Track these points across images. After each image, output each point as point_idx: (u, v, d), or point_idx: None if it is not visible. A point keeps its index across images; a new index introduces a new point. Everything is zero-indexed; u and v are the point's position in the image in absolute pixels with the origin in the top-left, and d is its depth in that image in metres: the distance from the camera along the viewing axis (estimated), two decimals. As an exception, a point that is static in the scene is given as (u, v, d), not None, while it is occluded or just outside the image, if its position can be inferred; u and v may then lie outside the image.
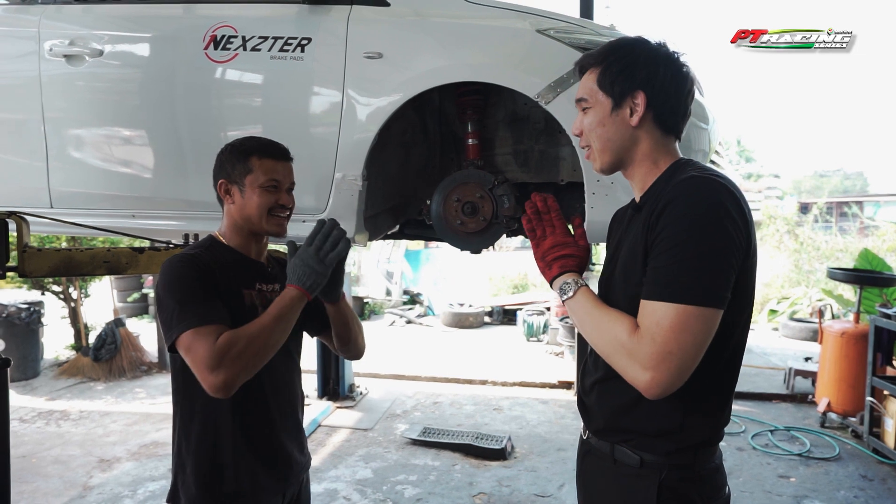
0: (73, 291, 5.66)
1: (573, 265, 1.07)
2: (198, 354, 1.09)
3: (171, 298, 1.14)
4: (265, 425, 1.26)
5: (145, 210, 2.06)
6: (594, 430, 1.10)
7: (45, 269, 1.66)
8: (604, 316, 0.97)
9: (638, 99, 0.99)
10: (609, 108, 1.02)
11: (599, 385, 1.08)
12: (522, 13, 1.79)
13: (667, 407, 0.97)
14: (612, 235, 1.18)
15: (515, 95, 1.92)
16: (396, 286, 8.98)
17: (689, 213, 0.89)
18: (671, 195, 0.92)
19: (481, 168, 1.94)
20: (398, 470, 3.41)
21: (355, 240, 1.87)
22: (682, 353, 0.87)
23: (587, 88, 1.05)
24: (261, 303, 1.27)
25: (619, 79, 1.00)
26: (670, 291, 0.88)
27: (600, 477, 1.09)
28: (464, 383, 5.27)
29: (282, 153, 1.31)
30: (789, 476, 3.31)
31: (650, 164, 1.03)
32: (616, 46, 1.04)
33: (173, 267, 1.18)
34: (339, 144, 1.83)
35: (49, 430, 4.05)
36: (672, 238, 0.89)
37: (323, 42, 1.82)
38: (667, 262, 0.89)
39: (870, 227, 11.11)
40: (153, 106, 1.98)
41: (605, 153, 1.04)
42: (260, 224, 1.27)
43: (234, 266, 1.27)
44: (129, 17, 2.03)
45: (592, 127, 1.04)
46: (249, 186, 1.26)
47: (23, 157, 2.12)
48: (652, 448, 1.00)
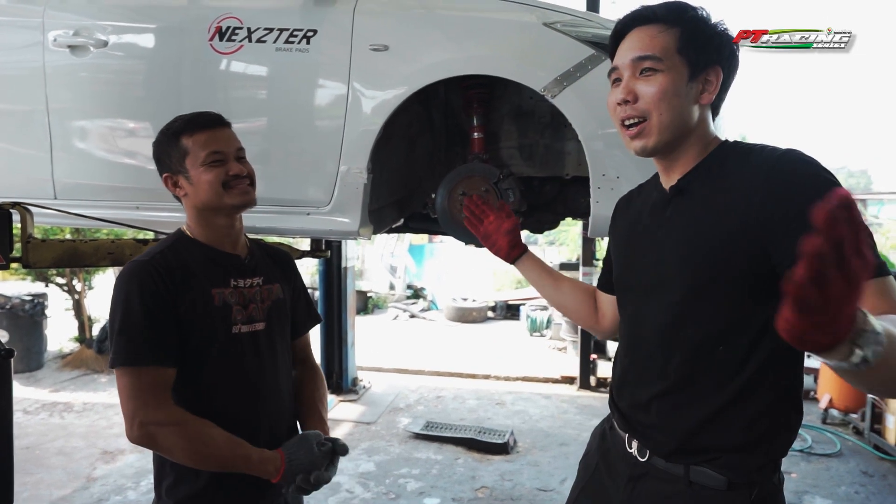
0: (77, 283, 5.68)
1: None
2: (122, 396, 1.03)
3: (112, 321, 1.06)
4: (248, 435, 1.12)
5: (150, 202, 2.05)
6: (663, 452, 0.93)
7: (49, 259, 1.65)
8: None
9: (713, 75, 0.89)
10: (687, 78, 0.87)
11: (664, 399, 0.92)
12: (529, 6, 1.77)
13: (755, 415, 0.85)
14: (618, 225, 1.10)
15: (521, 89, 1.91)
16: (400, 280, 8.99)
17: (830, 181, 0.77)
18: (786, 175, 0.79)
19: (486, 162, 1.93)
20: (401, 463, 3.42)
21: (360, 233, 1.86)
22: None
23: (660, 47, 0.87)
24: (237, 301, 1.16)
25: (706, 48, 0.88)
26: (881, 268, 0.74)
27: (668, 503, 0.92)
28: (467, 378, 5.28)
29: (213, 121, 1.18)
30: (790, 472, 3.31)
31: (701, 148, 0.91)
32: (688, 8, 0.89)
33: (123, 281, 1.08)
34: (345, 137, 1.82)
35: (53, 422, 4.07)
36: None
37: (328, 34, 1.81)
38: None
39: (874, 224, 11.07)
40: (158, 97, 1.97)
41: (669, 130, 0.89)
42: (221, 202, 1.14)
43: (204, 263, 1.15)
44: (134, 8, 2.02)
45: (664, 95, 0.87)
46: (192, 169, 1.14)
47: (27, 148, 2.12)
48: (741, 465, 0.86)
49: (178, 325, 1.09)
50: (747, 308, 0.83)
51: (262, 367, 1.18)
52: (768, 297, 0.77)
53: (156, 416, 1.03)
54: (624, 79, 0.91)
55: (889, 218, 11.23)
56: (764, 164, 0.82)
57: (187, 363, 1.10)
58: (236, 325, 1.15)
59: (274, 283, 1.26)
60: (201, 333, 1.11)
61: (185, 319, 1.09)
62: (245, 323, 1.17)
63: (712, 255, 0.84)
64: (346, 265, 4.74)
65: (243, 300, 1.17)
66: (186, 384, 1.11)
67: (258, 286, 1.21)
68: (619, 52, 0.93)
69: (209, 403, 1.11)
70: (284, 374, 1.25)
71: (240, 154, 1.20)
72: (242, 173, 1.17)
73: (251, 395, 1.16)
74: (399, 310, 8.34)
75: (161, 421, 1.03)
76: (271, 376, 1.20)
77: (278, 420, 1.22)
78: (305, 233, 2.02)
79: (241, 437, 1.10)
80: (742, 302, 0.83)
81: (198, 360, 1.11)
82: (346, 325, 4.73)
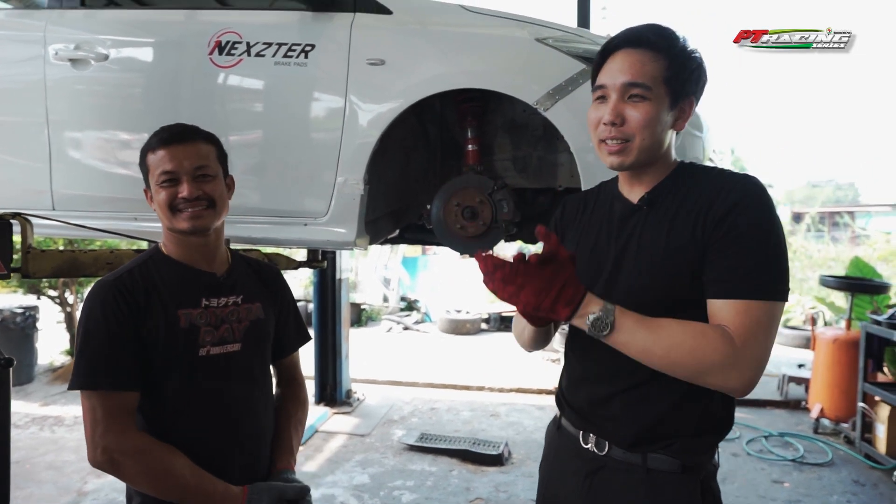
0: (70, 296, 5.64)
1: (578, 292, 0.87)
2: (85, 419, 1.01)
3: (77, 341, 1.05)
4: (220, 460, 1.09)
5: (148, 212, 2.07)
6: (624, 444, 0.98)
7: (49, 270, 1.67)
8: (676, 334, 0.86)
9: (687, 105, 0.96)
10: (668, 106, 0.94)
11: (626, 395, 0.98)
12: (521, 22, 1.82)
13: (703, 403, 0.95)
14: (573, 230, 1.10)
15: (515, 102, 1.95)
16: (393, 292, 8.99)
17: (765, 212, 0.89)
18: (739, 194, 0.89)
19: (481, 173, 1.97)
20: (395, 475, 3.41)
21: (356, 243, 1.89)
22: (769, 348, 0.87)
23: (650, 76, 0.92)
24: (207, 321, 1.11)
25: (687, 81, 0.94)
26: (764, 289, 0.86)
27: (627, 492, 0.98)
28: (461, 389, 5.28)
29: (175, 136, 1.10)
30: (783, 481, 3.33)
31: (664, 165, 0.99)
32: (677, 39, 0.94)
33: (88, 301, 1.06)
34: (342, 149, 1.85)
35: (43, 436, 4.03)
36: (754, 237, 0.87)
37: (326, 48, 1.85)
38: (755, 260, 0.86)
39: (861, 236, 11.22)
40: (157, 110, 2.00)
41: (646, 152, 0.95)
42: (172, 224, 1.10)
43: (174, 282, 1.11)
44: (135, 23, 2.06)
45: (649, 122, 0.92)
46: (153, 186, 1.11)
47: (26, 159, 2.14)
48: (693, 449, 0.95)
49: (141, 347, 1.06)
50: (703, 309, 0.92)
51: (234, 391, 1.13)
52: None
53: (118, 444, 1.00)
54: (612, 100, 0.95)
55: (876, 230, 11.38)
56: (730, 191, 0.91)
57: (152, 386, 1.07)
58: (204, 346, 1.11)
59: (254, 302, 1.21)
60: (164, 356, 1.07)
61: (147, 342, 1.06)
62: (215, 344, 1.12)
63: (674, 263, 0.92)
64: (341, 277, 4.75)
65: (215, 320, 1.13)
66: (153, 406, 1.08)
67: (235, 305, 1.16)
68: (608, 70, 0.96)
69: (175, 427, 1.08)
70: (262, 397, 1.20)
71: (200, 172, 1.11)
72: (193, 196, 1.08)
73: (221, 419, 1.11)
74: (393, 322, 8.34)
75: (124, 449, 1.01)
76: (245, 400, 1.16)
77: (255, 445, 1.17)
78: (303, 243, 2.05)
79: (212, 463, 1.07)
80: (699, 303, 0.92)
81: (162, 383, 1.08)
82: (341, 337, 4.73)
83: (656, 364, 0.88)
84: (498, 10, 1.88)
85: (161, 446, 1.04)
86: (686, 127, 1.68)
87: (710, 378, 0.86)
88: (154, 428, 1.07)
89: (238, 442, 1.13)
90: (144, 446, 1.03)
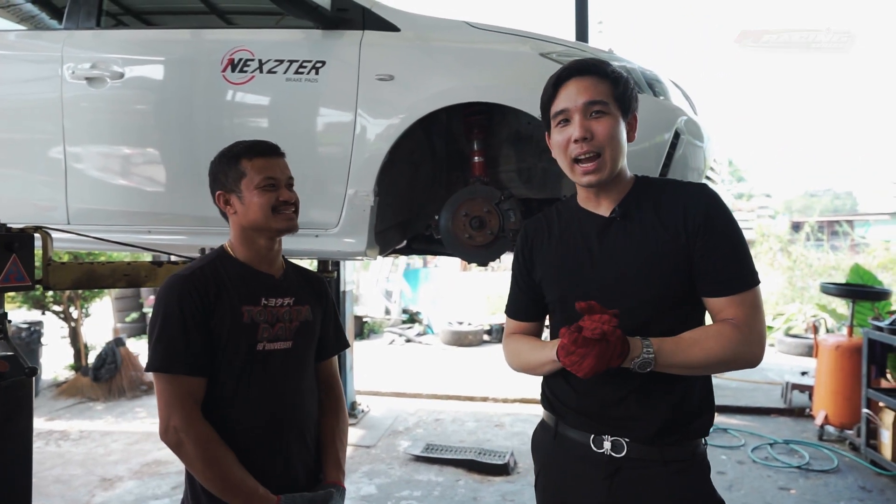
0: (74, 311, 5.66)
1: (626, 348, 0.97)
2: (160, 401, 1.14)
3: (151, 329, 1.16)
4: (267, 448, 1.20)
5: (161, 226, 2.12)
6: (645, 439, 1.04)
7: (69, 282, 1.71)
8: (699, 343, 1.01)
9: (633, 119, 1.12)
10: (619, 121, 1.07)
11: (640, 392, 1.05)
12: (524, 38, 1.88)
13: (704, 389, 1.09)
14: (544, 249, 1.16)
15: (519, 115, 2.01)
16: (395, 305, 9.00)
17: (730, 215, 1.07)
18: (706, 201, 1.06)
19: (487, 185, 2.01)
20: (402, 486, 3.41)
21: (367, 253, 1.93)
22: (765, 322, 1.07)
23: (605, 94, 1.05)
24: (265, 319, 1.22)
25: (631, 96, 1.09)
26: (749, 280, 1.04)
27: (647, 486, 1.04)
28: (465, 400, 5.28)
29: (271, 150, 1.27)
30: (789, 488, 3.34)
31: (626, 180, 1.12)
32: (609, 64, 1.10)
33: (164, 292, 1.17)
34: (352, 162, 1.90)
35: (49, 450, 4.03)
36: (730, 238, 1.04)
37: (336, 65, 1.91)
38: (736, 258, 1.04)
39: (860, 244, 11.27)
40: (172, 126, 2.05)
41: (615, 164, 1.06)
42: (268, 224, 1.23)
43: (239, 280, 1.23)
44: (150, 42, 2.12)
45: (613, 133, 1.05)
46: (247, 190, 1.22)
47: (42, 175, 2.18)
48: (698, 432, 1.08)
49: (209, 337, 1.17)
50: (689, 305, 1.07)
51: (283, 385, 1.23)
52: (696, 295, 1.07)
53: (185, 427, 1.12)
54: (576, 120, 1.05)
55: (875, 238, 11.43)
56: (698, 200, 1.06)
57: (213, 376, 1.18)
58: (261, 342, 1.21)
59: (304, 305, 1.31)
60: (227, 348, 1.18)
61: (214, 333, 1.17)
62: (271, 341, 1.23)
63: (663, 266, 1.05)
64: (345, 289, 4.78)
65: (271, 318, 1.23)
66: (211, 395, 1.18)
67: (288, 306, 1.27)
68: (565, 96, 1.07)
69: (229, 415, 1.18)
70: (308, 394, 1.31)
71: (290, 182, 1.29)
72: (290, 200, 1.26)
73: (270, 411, 1.21)
74: (395, 334, 8.34)
75: (188, 433, 1.12)
76: (293, 394, 1.26)
77: (299, 437, 1.26)
78: (314, 254, 2.09)
79: (258, 451, 1.18)
80: (686, 300, 1.06)
81: (222, 371, 1.18)
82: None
83: (697, 371, 1.05)
84: (501, 27, 1.94)
85: (219, 440, 1.14)
86: (688, 137, 1.79)
87: (737, 364, 1.02)
88: (211, 416, 1.16)
89: (283, 433, 1.22)
90: (206, 435, 1.13)
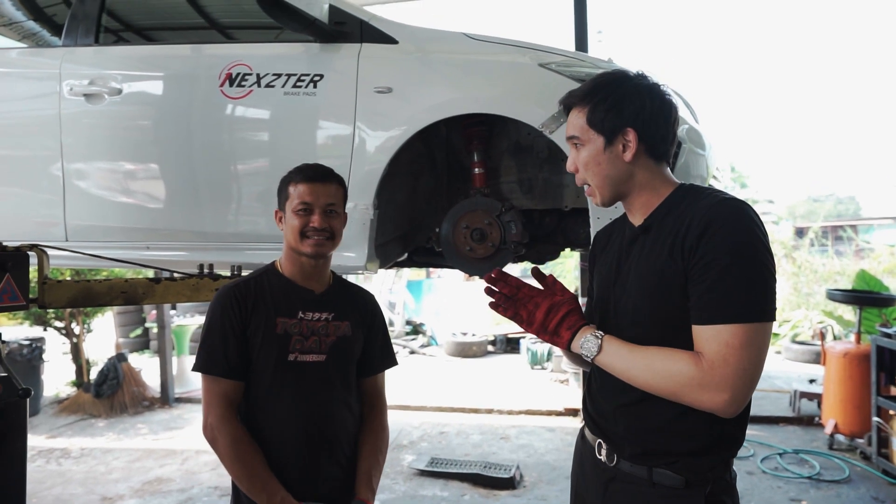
0: (76, 327, 5.64)
1: (579, 320, 1.03)
2: (204, 399, 1.25)
3: (202, 333, 1.30)
4: (291, 452, 1.26)
5: (159, 241, 2.10)
6: (628, 455, 1.04)
7: (65, 300, 1.69)
8: (651, 357, 0.95)
9: (629, 136, 1.00)
10: (602, 146, 1.02)
11: (628, 409, 1.03)
12: (523, 48, 1.87)
13: (707, 421, 0.96)
14: (601, 258, 1.17)
15: (519, 126, 1.99)
16: (399, 316, 8.96)
17: (736, 235, 0.91)
18: (709, 218, 0.93)
19: (488, 196, 1.99)
20: (407, 501, 3.36)
21: (367, 267, 1.91)
22: (752, 368, 0.90)
23: (577, 126, 1.05)
24: (299, 331, 1.29)
25: (608, 116, 1.01)
26: (731, 313, 0.89)
27: (635, 503, 1.04)
28: (470, 412, 5.23)
29: (316, 175, 1.32)
30: (800, 499, 3.28)
31: (650, 192, 1.04)
32: (600, 83, 1.04)
33: (213, 301, 1.31)
34: (351, 175, 1.88)
35: (50, 469, 3.99)
36: (719, 263, 0.90)
37: (334, 78, 1.90)
38: (722, 286, 0.90)
39: (865, 249, 11.20)
40: (170, 141, 2.04)
41: (605, 189, 1.05)
42: (297, 247, 1.30)
43: (280, 294, 1.31)
44: (147, 58, 2.12)
45: (588, 165, 1.04)
46: (288, 211, 1.31)
47: (40, 191, 2.18)
48: (696, 467, 0.98)
49: (246, 345, 1.27)
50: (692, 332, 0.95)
51: (314, 396, 1.29)
52: None
53: (220, 426, 1.22)
54: (570, 153, 1.09)
55: (880, 243, 11.36)
56: (706, 215, 0.94)
57: (249, 379, 1.28)
58: (293, 353, 1.28)
59: (344, 321, 1.35)
60: (260, 355, 1.27)
61: (250, 341, 1.27)
62: (303, 353, 1.29)
63: (663, 287, 0.97)
64: (347, 301, 4.75)
65: (306, 331, 1.30)
66: (246, 399, 1.28)
67: (325, 321, 1.33)
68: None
69: (260, 419, 1.27)
70: (343, 409, 1.34)
71: (329, 209, 1.31)
72: (320, 225, 1.29)
73: (299, 420, 1.27)
74: (399, 346, 8.29)
75: (223, 432, 1.22)
76: (324, 405, 1.30)
77: (328, 448, 1.30)
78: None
79: (285, 457, 1.25)
80: (687, 326, 0.95)
81: (256, 379, 1.27)
82: (348, 361, 4.71)
83: (638, 384, 0.97)
84: (500, 38, 1.93)
85: (249, 440, 1.24)
86: (689, 146, 1.76)
87: (685, 398, 0.93)
88: (246, 419, 1.27)
89: (311, 445, 1.28)
90: (237, 434, 1.23)
